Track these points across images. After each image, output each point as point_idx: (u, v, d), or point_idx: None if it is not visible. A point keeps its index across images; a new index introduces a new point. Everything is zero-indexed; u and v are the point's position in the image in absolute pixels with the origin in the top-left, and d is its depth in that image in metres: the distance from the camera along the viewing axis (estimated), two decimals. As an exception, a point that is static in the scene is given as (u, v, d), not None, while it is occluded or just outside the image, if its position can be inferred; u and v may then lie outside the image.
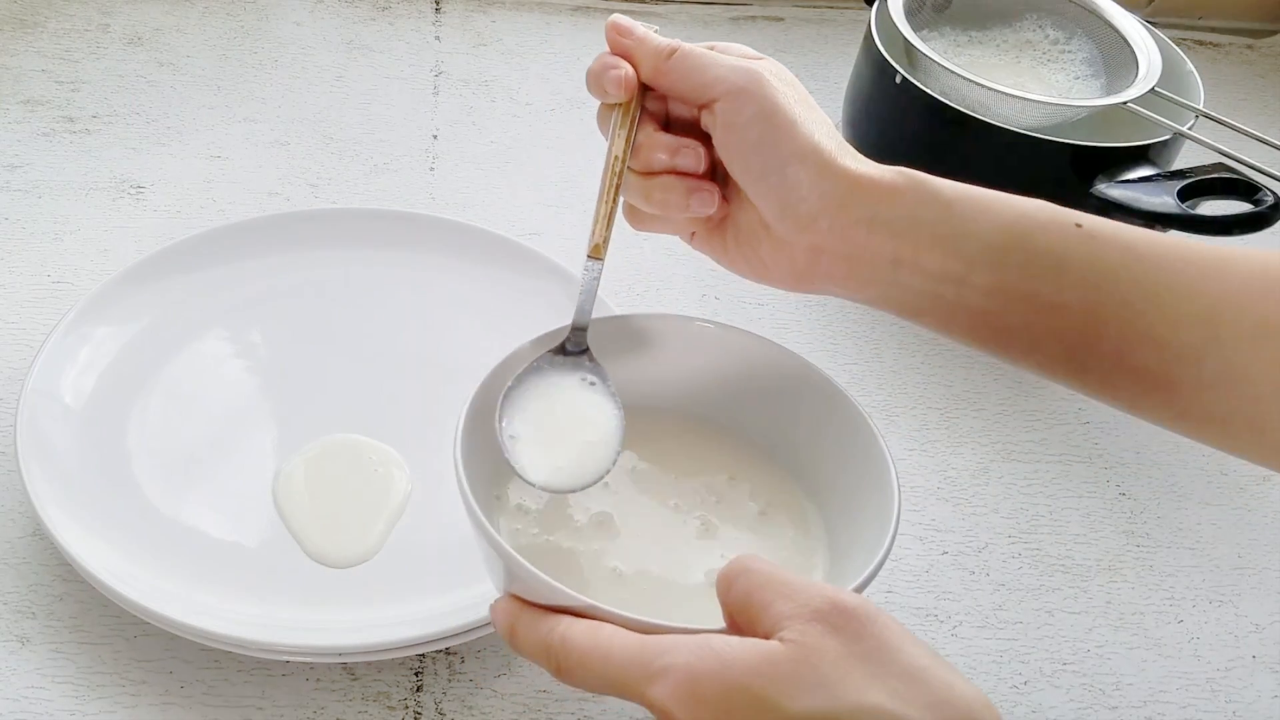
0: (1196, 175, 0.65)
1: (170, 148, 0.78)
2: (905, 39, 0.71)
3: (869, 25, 0.74)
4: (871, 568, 0.42)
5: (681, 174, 0.48)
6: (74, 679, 0.50)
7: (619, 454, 0.48)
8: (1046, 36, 0.75)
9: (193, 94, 0.83)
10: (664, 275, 0.73)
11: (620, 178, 0.48)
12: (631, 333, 0.51)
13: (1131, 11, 0.75)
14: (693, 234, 0.51)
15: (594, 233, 0.49)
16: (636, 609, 0.38)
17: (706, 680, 0.35)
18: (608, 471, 0.47)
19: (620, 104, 0.48)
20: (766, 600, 0.36)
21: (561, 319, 0.66)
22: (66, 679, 0.50)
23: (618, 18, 0.49)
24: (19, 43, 0.85)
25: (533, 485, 0.46)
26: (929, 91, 0.69)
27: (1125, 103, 0.68)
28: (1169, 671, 0.56)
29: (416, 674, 0.52)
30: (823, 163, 0.45)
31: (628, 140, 0.48)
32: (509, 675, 0.52)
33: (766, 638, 0.36)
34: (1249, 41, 1.05)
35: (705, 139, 0.48)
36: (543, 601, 0.40)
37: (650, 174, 0.48)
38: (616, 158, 0.48)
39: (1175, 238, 0.45)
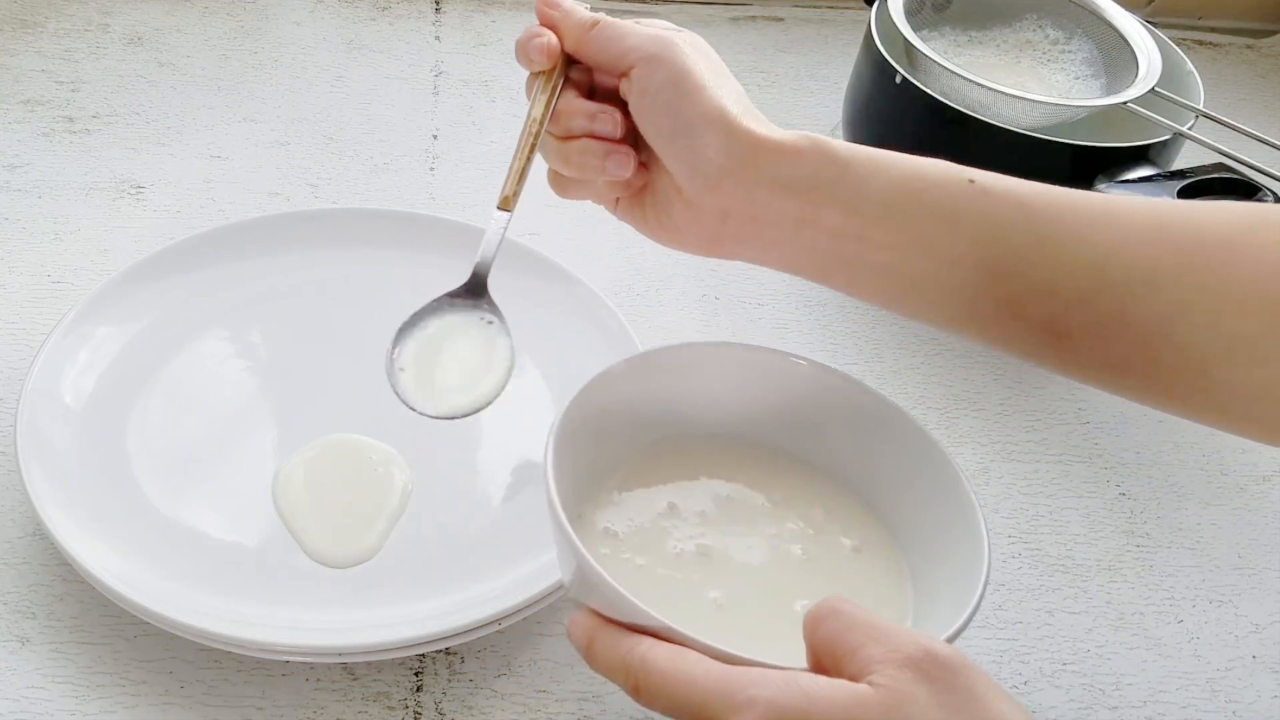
0: (1196, 175, 0.65)
1: (170, 148, 0.78)
2: (905, 39, 0.71)
3: (869, 25, 0.74)
4: (963, 619, 0.41)
5: (599, 138, 0.50)
6: (74, 679, 0.50)
7: (504, 386, 0.50)
8: (1046, 36, 0.75)
9: (193, 94, 0.83)
10: (664, 275, 0.73)
11: (536, 139, 0.51)
12: (722, 360, 0.51)
13: (1131, 11, 0.75)
14: (616, 202, 0.53)
15: (505, 185, 0.51)
16: (726, 640, 0.37)
17: (792, 716, 0.34)
18: (491, 401, 0.49)
19: (544, 71, 0.51)
20: (856, 643, 0.36)
21: (561, 319, 0.66)
22: (66, 679, 0.50)
23: None
24: (19, 43, 0.85)
25: (415, 411, 0.48)
26: (929, 91, 0.69)
27: (1125, 103, 0.68)
28: (1169, 671, 0.56)
29: (416, 674, 0.52)
30: (728, 125, 0.47)
31: (547, 105, 0.51)
32: (509, 675, 0.52)
33: (854, 680, 0.35)
34: (1249, 41, 1.05)
35: (624, 107, 0.50)
36: (625, 620, 0.39)
37: (570, 138, 0.51)
38: (534, 120, 0.51)
39: (1066, 190, 0.46)
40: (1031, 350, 0.47)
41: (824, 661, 0.37)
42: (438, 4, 0.95)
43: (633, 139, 0.51)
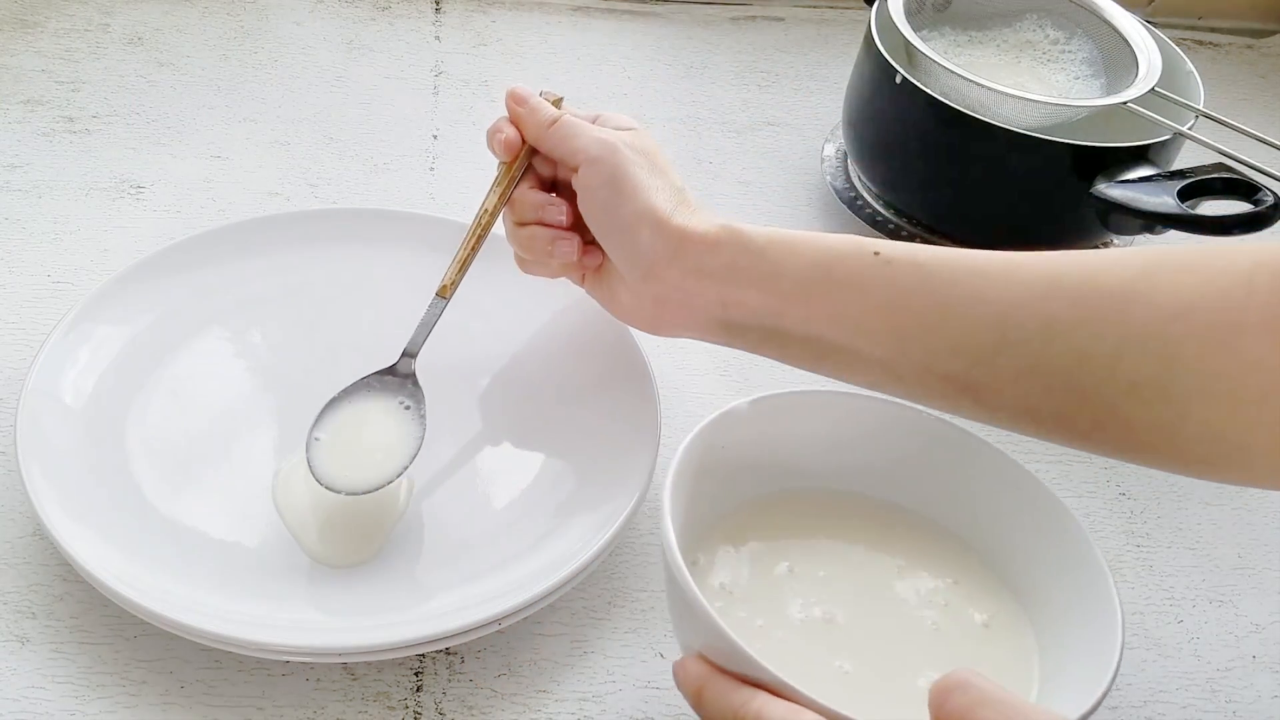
0: (1196, 175, 0.65)
1: (170, 148, 0.78)
2: (905, 39, 0.71)
3: (869, 25, 0.74)
4: (1096, 698, 0.41)
5: (548, 225, 0.56)
6: (74, 679, 0.50)
7: (404, 472, 0.53)
8: (1046, 36, 0.75)
9: (193, 94, 0.83)
10: (664, 275, 0.73)
11: (485, 230, 0.57)
12: (846, 408, 0.52)
13: (1131, 11, 0.75)
14: (584, 278, 0.58)
15: (446, 274, 0.57)
16: (846, 705, 0.37)
17: None
18: (385, 485, 0.53)
19: (505, 162, 0.57)
20: None
21: (561, 319, 0.66)
22: (66, 679, 0.50)
23: (516, 88, 0.57)
24: (19, 43, 0.85)
25: (319, 483, 0.52)
26: (929, 91, 0.69)
27: (1125, 103, 0.68)
28: (1169, 671, 0.56)
29: (416, 674, 0.52)
30: (657, 222, 0.52)
31: (500, 196, 0.57)
32: (509, 675, 0.52)
33: None
34: (1249, 41, 1.05)
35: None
36: (739, 671, 0.39)
37: (524, 224, 0.57)
38: (486, 211, 0.57)
39: (967, 252, 0.48)
40: (953, 406, 0.50)
41: None
42: (438, 4, 0.95)
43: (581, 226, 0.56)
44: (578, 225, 0.56)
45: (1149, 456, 0.47)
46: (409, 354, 0.57)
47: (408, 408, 0.56)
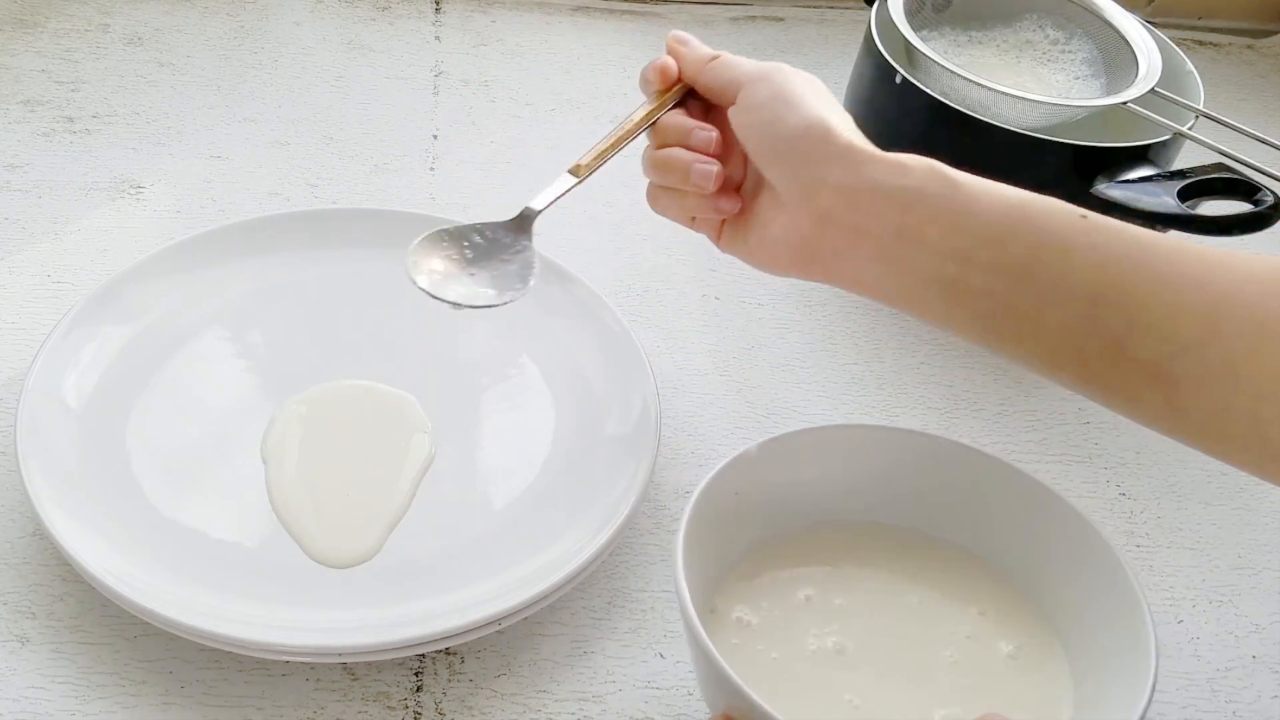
0: (1196, 175, 0.65)
1: (170, 148, 0.78)
2: (905, 39, 0.71)
3: (869, 25, 0.74)
4: None
5: (690, 149, 0.52)
6: (74, 679, 0.50)
7: (509, 301, 0.51)
8: (1046, 36, 0.75)
9: (193, 94, 0.83)
10: (664, 275, 0.73)
11: (627, 135, 0.54)
12: (862, 441, 0.50)
13: (1131, 11, 0.75)
14: (720, 233, 0.54)
15: (583, 155, 0.54)
16: None
17: None
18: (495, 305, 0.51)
19: (658, 91, 0.54)
20: None
21: (561, 319, 0.66)
22: (66, 679, 0.50)
23: (677, 31, 0.55)
24: (19, 43, 0.85)
25: (432, 296, 0.51)
26: (929, 91, 0.69)
27: (1125, 103, 0.68)
28: (1169, 671, 0.56)
29: (416, 674, 0.52)
30: (828, 132, 0.48)
31: (650, 113, 0.53)
32: (509, 675, 0.52)
33: None
34: (1249, 41, 1.05)
35: (727, 139, 0.52)
36: None
37: (664, 145, 0.53)
38: (632, 120, 0.53)
39: (1179, 236, 0.45)
40: (1134, 395, 0.45)
41: None
42: (438, 4, 0.95)
43: (737, 167, 0.53)
44: (723, 160, 0.52)
45: None
46: (527, 213, 0.55)
47: (521, 251, 0.54)
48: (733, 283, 0.73)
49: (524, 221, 0.54)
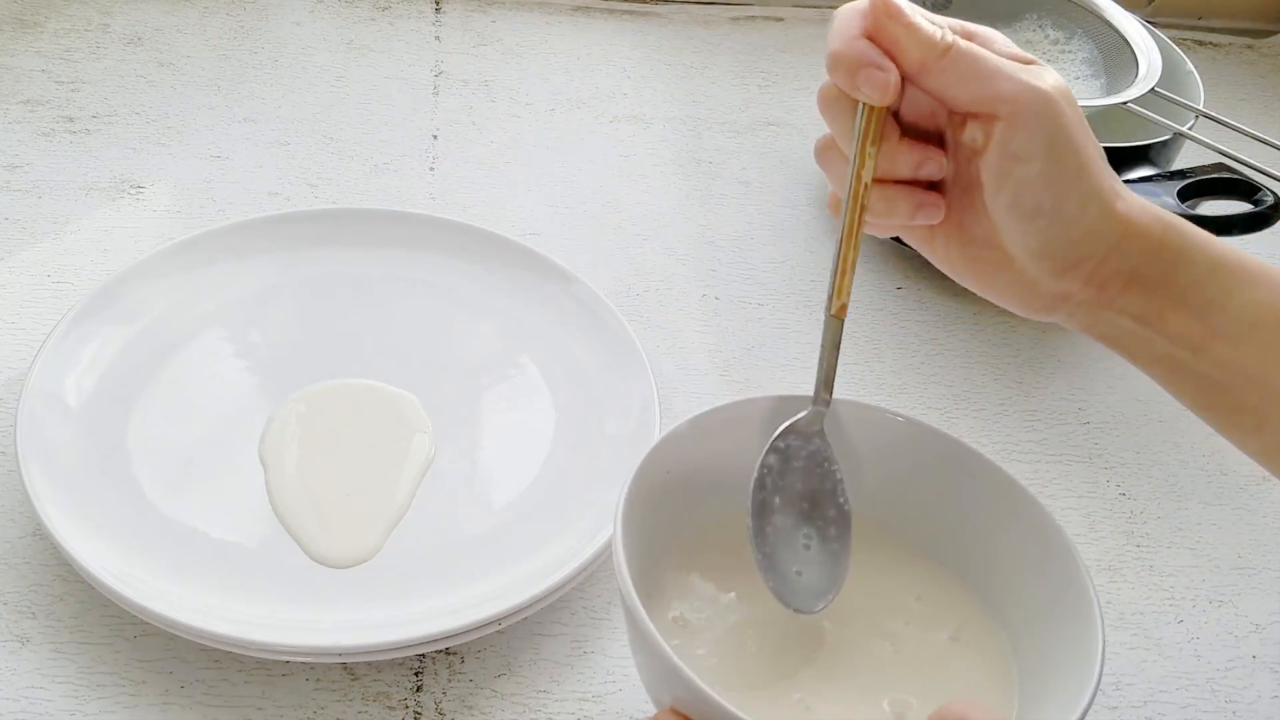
0: (1196, 175, 0.65)
1: (170, 148, 0.78)
2: (905, 39, 0.71)
3: (869, 25, 0.74)
4: (1079, 711, 0.39)
5: (914, 184, 0.43)
6: (74, 679, 0.50)
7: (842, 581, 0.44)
8: (1046, 36, 0.75)
9: (193, 94, 0.83)
10: (664, 275, 0.73)
11: (865, 211, 0.42)
12: (787, 418, 0.47)
13: (1131, 11, 0.75)
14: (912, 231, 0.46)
15: (838, 288, 0.43)
16: None
17: None
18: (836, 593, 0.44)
19: (870, 109, 0.42)
20: None
21: (561, 321, 0.66)
22: (66, 679, 0.50)
23: (890, 2, 0.41)
24: (19, 43, 0.85)
25: (791, 608, 0.44)
26: (929, 91, 0.69)
27: (1125, 103, 0.68)
28: (1169, 671, 0.56)
29: (416, 674, 0.52)
30: (1104, 208, 0.41)
31: (874, 159, 0.42)
32: (509, 675, 0.52)
33: None
34: (1249, 41, 1.05)
35: (941, 143, 0.43)
36: None
37: (879, 182, 0.43)
38: (865, 185, 0.42)
39: None
40: None
41: None
42: (438, 4, 0.95)
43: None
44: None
45: None
46: (823, 400, 0.45)
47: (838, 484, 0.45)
48: (733, 283, 0.74)
49: (817, 417, 0.45)
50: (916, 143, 0.43)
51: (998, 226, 0.42)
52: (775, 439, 0.45)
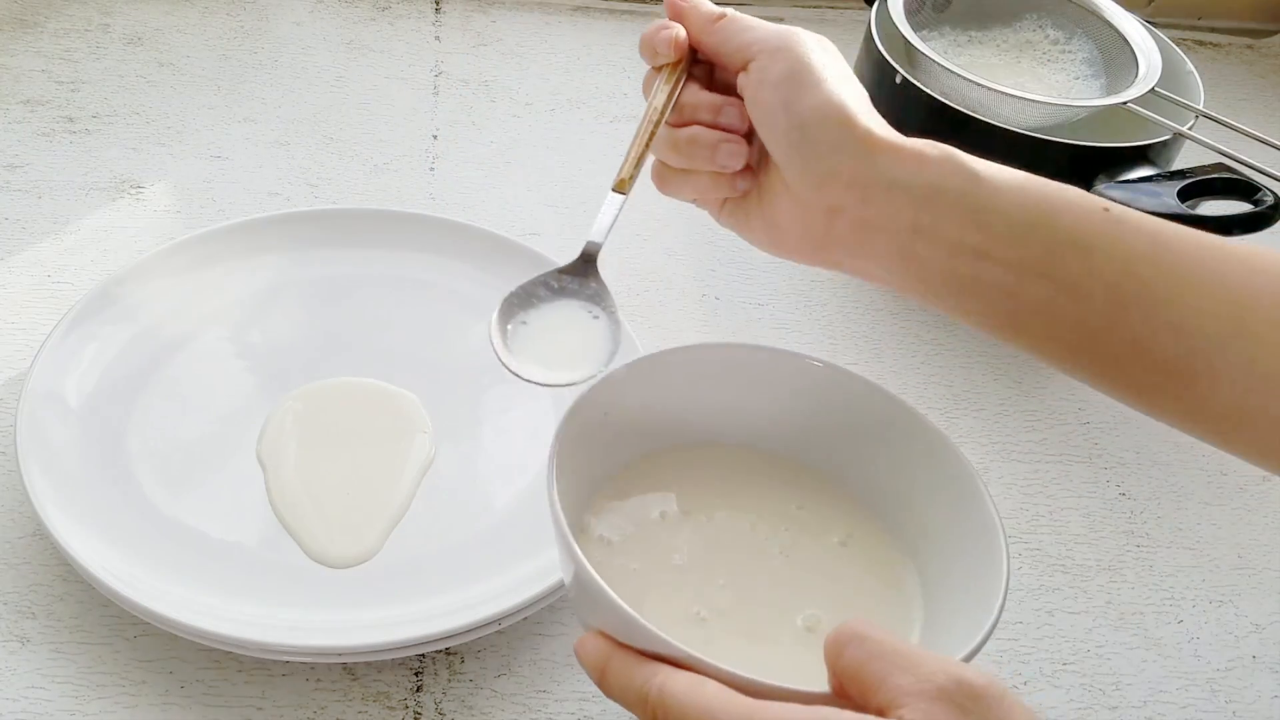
0: (1196, 175, 0.65)
1: (170, 148, 0.78)
2: (905, 39, 0.71)
3: (869, 25, 0.74)
4: (980, 637, 0.40)
5: (714, 127, 0.49)
6: (74, 679, 0.50)
7: (602, 367, 0.47)
8: (1046, 36, 0.75)
9: (193, 94, 0.83)
10: (664, 275, 0.73)
11: (656, 127, 0.49)
12: (728, 362, 0.50)
13: (1131, 11, 0.75)
14: (721, 206, 0.51)
15: (622, 168, 0.49)
16: (729, 654, 0.36)
17: None
18: (593, 376, 0.47)
19: (668, 64, 0.50)
20: (882, 672, 0.34)
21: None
22: (66, 679, 0.50)
23: None
24: (19, 43, 0.85)
25: (520, 378, 0.46)
26: (929, 91, 0.69)
27: (1125, 103, 0.68)
28: (1169, 671, 0.56)
29: (416, 674, 0.52)
30: (845, 119, 0.46)
31: (670, 94, 0.49)
32: (509, 675, 0.52)
33: (881, 713, 0.34)
34: (1249, 41, 1.05)
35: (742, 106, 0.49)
36: (641, 647, 0.38)
37: (683, 124, 0.49)
38: (655, 109, 0.49)
39: (1201, 233, 0.44)
40: (1152, 392, 0.44)
41: (849, 689, 0.35)
42: (438, 4, 0.95)
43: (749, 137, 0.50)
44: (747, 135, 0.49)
45: None
46: (589, 252, 0.50)
47: (596, 317, 0.49)
48: (732, 283, 0.74)
49: (588, 259, 0.50)
50: (717, 92, 0.50)
51: (771, 158, 0.48)
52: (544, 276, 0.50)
